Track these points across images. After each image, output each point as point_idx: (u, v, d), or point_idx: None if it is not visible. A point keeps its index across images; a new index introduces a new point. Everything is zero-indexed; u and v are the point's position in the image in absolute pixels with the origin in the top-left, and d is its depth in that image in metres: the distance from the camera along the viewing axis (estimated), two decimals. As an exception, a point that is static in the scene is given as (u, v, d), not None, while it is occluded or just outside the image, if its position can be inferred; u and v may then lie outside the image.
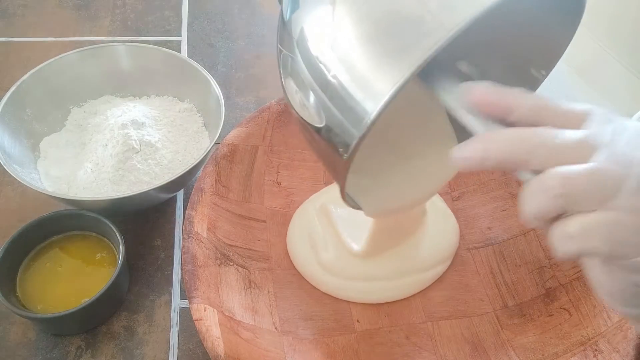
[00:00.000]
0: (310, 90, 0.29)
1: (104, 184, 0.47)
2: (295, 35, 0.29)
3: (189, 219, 0.42)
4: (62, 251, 0.45)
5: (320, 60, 0.28)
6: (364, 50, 0.26)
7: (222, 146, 0.47)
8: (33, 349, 0.42)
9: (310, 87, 0.29)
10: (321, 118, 0.29)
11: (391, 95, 0.25)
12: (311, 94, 0.29)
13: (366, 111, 0.26)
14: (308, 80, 0.28)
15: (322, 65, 0.28)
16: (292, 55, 0.30)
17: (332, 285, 0.46)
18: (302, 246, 0.47)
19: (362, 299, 0.46)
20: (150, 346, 0.43)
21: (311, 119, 0.29)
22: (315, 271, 0.46)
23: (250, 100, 0.63)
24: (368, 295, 0.46)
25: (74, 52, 0.53)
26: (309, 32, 0.29)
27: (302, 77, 0.29)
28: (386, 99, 0.25)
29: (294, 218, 0.50)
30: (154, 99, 0.56)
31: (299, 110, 0.31)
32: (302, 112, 0.30)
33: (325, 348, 0.43)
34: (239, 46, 0.70)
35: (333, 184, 0.52)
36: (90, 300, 0.40)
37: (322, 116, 0.28)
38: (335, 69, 0.27)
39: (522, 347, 0.42)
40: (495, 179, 0.51)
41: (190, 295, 0.38)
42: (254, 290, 0.44)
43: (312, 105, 0.29)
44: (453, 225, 0.49)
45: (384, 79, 0.25)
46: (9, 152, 0.46)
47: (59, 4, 0.72)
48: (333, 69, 0.27)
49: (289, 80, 0.31)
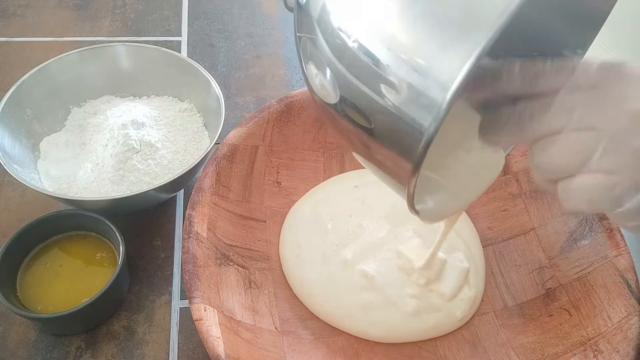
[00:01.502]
0: (354, 75, 0.26)
1: (104, 184, 0.47)
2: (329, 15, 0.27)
3: (189, 219, 0.42)
4: (62, 251, 0.45)
5: (349, 35, 0.25)
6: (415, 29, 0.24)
7: (222, 146, 0.47)
8: (33, 349, 0.42)
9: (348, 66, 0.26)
10: (372, 112, 0.26)
11: (469, 69, 0.22)
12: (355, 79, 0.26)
13: (441, 89, 0.22)
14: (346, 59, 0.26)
15: (363, 39, 0.25)
16: (314, 36, 0.28)
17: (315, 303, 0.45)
18: (291, 252, 0.47)
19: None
20: (150, 346, 0.43)
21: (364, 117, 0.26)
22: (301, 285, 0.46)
23: (250, 100, 0.63)
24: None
25: (74, 52, 0.53)
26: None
27: (326, 56, 0.27)
28: (463, 74, 0.22)
29: (286, 220, 0.49)
30: (154, 99, 0.56)
31: (341, 107, 0.27)
32: (350, 111, 0.27)
33: (325, 348, 0.43)
34: (239, 46, 0.70)
35: (325, 181, 0.52)
36: (91, 300, 0.40)
37: (374, 108, 0.25)
38: (381, 47, 0.25)
39: (522, 347, 0.42)
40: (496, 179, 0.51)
41: (190, 295, 0.38)
42: (254, 290, 0.44)
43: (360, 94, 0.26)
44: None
45: (451, 56, 0.23)
46: (9, 152, 0.46)
47: (59, 4, 0.72)
48: (378, 48, 0.25)
49: (311, 65, 0.29)
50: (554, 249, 0.46)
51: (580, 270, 0.43)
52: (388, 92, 0.25)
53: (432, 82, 0.23)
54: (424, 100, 0.23)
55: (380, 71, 0.25)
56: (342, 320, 0.44)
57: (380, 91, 0.25)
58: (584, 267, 0.43)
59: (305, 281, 0.45)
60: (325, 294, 0.44)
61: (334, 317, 0.44)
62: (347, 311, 0.44)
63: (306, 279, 0.45)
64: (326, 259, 0.46)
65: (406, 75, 0.24)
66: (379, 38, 0.25)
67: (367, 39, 0.25)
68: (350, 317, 0.44)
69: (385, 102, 0.25)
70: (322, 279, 0.45)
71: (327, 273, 0.45)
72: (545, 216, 0.47)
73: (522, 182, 0.49)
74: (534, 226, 0.48)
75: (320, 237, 0.47)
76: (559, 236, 0.46)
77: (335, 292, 0.44)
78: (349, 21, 0.26)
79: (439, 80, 0.23)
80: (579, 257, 0.44)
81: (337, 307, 0.44)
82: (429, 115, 0.23)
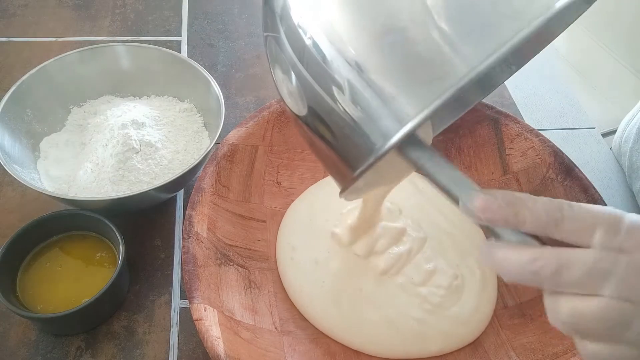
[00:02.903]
0: (296, 75, 0.27)
1: (104, 184, 0.47)
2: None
3: (189, 219, 0.42)
4: (62, 251, 0.45)
5: (312, 36, 0.26)
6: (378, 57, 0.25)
7: (222, 146, 0.47)
8: (33, 349, 0.42)
9: (296, 68, 0.27)
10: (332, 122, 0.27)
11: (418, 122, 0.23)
12: (294, 78, 0.27)
13: (384, 134, 0.24)
14: (306, 60, 0.27)
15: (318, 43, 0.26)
16: (277, 35, 0.28)
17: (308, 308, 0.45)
18: (285, 255, 0.47)
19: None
20: (150, 346, 0.43)
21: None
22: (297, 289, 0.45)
23: (250, 100, 0.63)
24: None
25: (74, 52, 0.53)
26: None
27: (291, 58, 0.27)
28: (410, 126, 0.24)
29: (283, 220, 0.49)
30: (154, 99, 0.56)
31: (307, 105, 0.28)
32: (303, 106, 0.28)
33: (325, 348, 0.43)
34: (239, 46, 0.70)
35: (324, 179, 0.52)
36: (91, 300, 0.40)
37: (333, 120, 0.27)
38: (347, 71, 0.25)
39: (522, 347, 0.42)
40: (496, 179, 0.51)
41: (190, 295, 0.38)
42: (254, 290, 0.44)
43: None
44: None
45: (411, 98, 0.24)
46: (9, 152, 0.46)
47: (59, 4, 0.72)
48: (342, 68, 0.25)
49: (277, 69, 0.29)
50: (554, 249, 0.46)
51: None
52: (347, 102, 0.26)
53: (395, 112, 0.24)
54: (382, 126, 0.25)
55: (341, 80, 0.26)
56: (337, 334, 0.43)
57: (340, 100, 0.26)
58: (584, 267, 0.43)
59: (298, 286, 0.45)
60: (319, 303, 0.44)
61: (328, 330, 0.43)
62: (341, 324, 0.43)
63: (299, 284, 0.45)
64: (319, 266, 0.45)
65: (370, 95, 0.25)
66: (337, 40, 0.26)
67: (328, 41, 0.26)
68: (346, 331, 0.42)
69: (344, 113, 0.26)
70: (316, 287, 0.44)
71: (320, 282, 0.44)
72: (545, 216, 0.47)
73: (522, 182, 0.50)
74: (534, 226, 0.48)
75: (314, 240, 0.47)
76: (559, 236, 0.46)
77: (328, 302, 0.43)
78: (310, 18, 0.26)
79: (399, 114, 0.24)
80: (579, 257, 0.44)
81: (329, 318, 0.43)
82: (381, 141, 0.25)
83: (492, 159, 0.52)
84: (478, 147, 0.52)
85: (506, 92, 0.68)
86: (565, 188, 0.47)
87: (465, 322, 0.43)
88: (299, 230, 0.48)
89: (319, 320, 0.43)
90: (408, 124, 0.23)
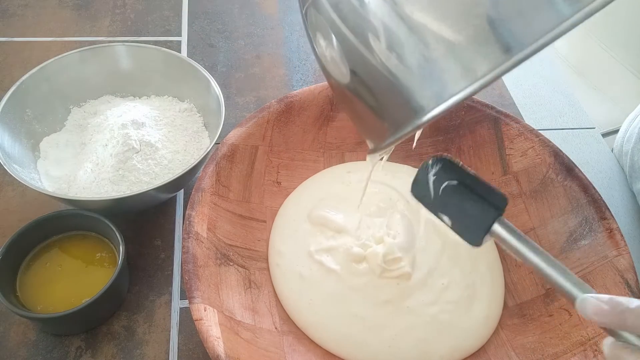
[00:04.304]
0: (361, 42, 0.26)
1: (104, 184, 0.47)
2: None
3: (189, 219, 0.42)
4: (62, 251, 0.45)
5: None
6: None
7: (222, 146, 0.47)
8: (33, 349, 0.42)
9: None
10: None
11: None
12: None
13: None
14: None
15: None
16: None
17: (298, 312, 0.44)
18: (272, 260, 0.46)
19: None
20: (150, 346, 0.43)
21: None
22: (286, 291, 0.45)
23: (250, 100, 0.63)
24: None
25: (74, 52, 0.53)
26: None
27: (329, 16, 0.27)
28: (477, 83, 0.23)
29: (275, 221, 0.49)
30: (154, 99, 0.56)
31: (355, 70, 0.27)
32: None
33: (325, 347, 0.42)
34: (239, 46, 0.70)
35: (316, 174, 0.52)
36: (91, 300, 0.40)
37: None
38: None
39: (522, 347, 0.42)
40: (496, 179, 0.51)
41: (190, 295, 0.38)
42: (254, 290, 0.44)
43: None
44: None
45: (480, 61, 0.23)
46: (9, 152, 0.46)
47: (59, 4, 0.72)
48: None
49: (319, 37, 0.29)
50: (554, 249, 0.46)
51: (581, 270, 0.43)
52: (397, 52, 0.24)
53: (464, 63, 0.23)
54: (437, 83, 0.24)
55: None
56: (326, 344, 0.42)
57: (382, 56, 0.25)
58: (584, 267, 0.43)
59: (286, 292, 0.44)
60: (310, 317, 0.43)
61: (317, 338, 0.43)
62: (328, 334, 0.42)
63: (286, 292, 0.44)
64: (305, 282, 0.44)
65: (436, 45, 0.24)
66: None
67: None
68: (333, 341, 0.42)
69: (386, 69, 0.25)
70: (304, 301, 0.43)
71: (308, 299, 0.43)
72: (545, 216, 0.47)
73: (522, 182, 0.50)
74: (533, 226, 0.48)
75: (297, 253, 0.46)
76: (558, 236, 0.46)
77: (320, 320, 0.43)
78: None
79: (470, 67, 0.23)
80: (579, 257, 0.44)
81: (322, 333, 0.43)
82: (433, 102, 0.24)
83: (492, 158, 0.52)
84: (478, 147, 0.52)
85: (506, 92, 0.68)
86: (565, 188, 0.47)
87: (474, 334, 0.43)
88: (286, 235, 0.47)
89: (313, 333, 0.43)
90: (475, 83, 0.22)
